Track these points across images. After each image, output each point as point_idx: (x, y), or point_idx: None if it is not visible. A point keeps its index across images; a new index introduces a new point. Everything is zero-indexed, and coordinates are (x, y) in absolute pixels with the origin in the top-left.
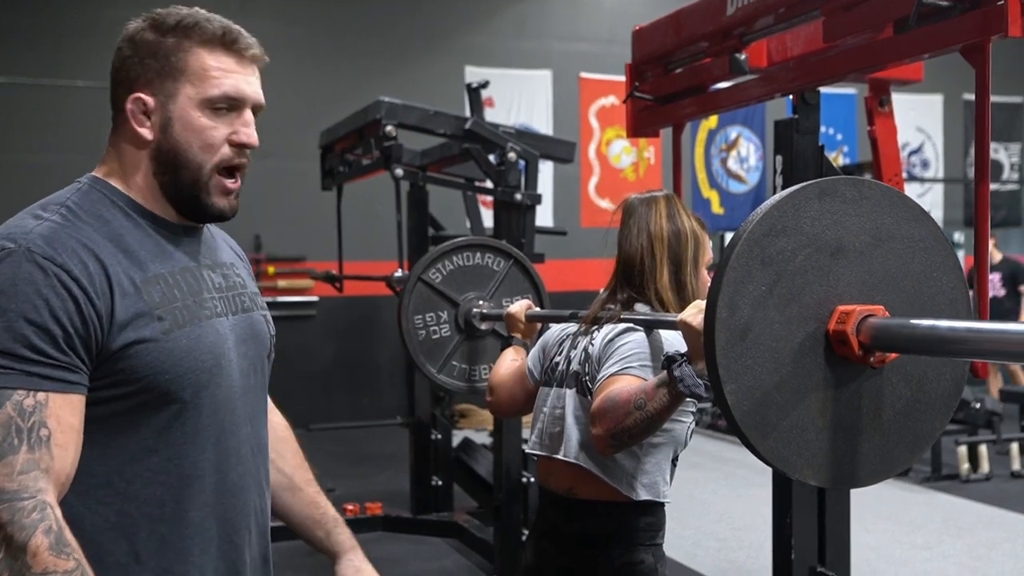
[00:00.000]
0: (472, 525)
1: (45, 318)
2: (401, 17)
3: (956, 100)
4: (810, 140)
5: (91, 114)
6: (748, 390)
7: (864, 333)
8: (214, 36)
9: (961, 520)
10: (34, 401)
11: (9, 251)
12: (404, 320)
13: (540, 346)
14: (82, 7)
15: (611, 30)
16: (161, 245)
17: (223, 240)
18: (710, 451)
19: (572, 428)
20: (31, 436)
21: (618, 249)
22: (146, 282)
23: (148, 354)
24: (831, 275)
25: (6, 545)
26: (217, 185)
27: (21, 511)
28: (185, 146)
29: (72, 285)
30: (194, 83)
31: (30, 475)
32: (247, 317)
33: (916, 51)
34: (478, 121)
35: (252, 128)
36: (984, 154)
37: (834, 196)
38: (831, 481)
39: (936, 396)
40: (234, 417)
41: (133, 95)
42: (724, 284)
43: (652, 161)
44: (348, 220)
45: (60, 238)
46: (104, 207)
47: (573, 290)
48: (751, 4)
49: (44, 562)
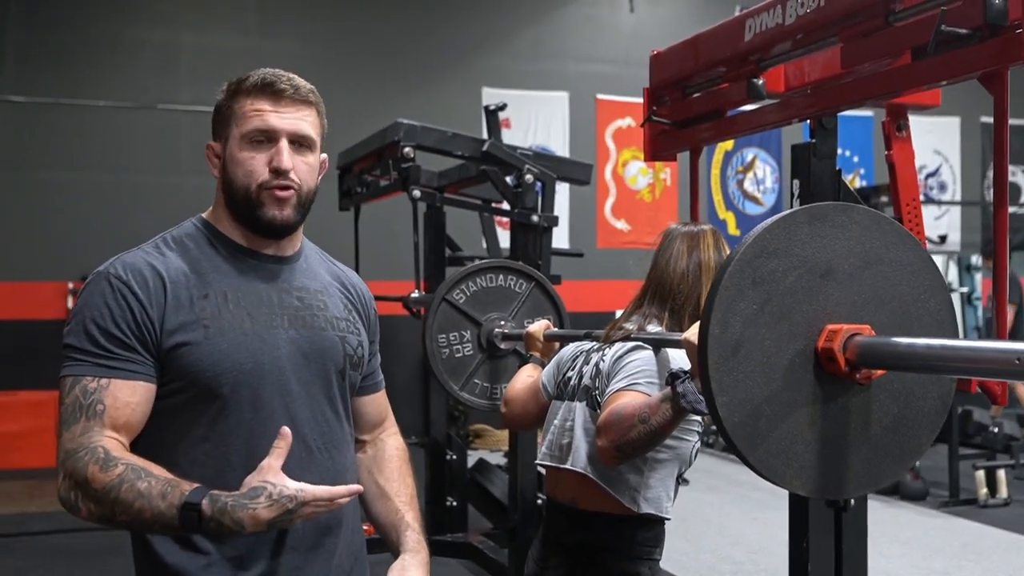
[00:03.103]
0: (487, 546)
1: (107, 322)
2: (419, 38)
3: (974, 122)
4: (827, 164)
5: (110, 133)
6: (739, 403)
7: (851, 350)
8: (255, 85)
9: (979, 545)
10: (96, 384)
11: (97, 274)
12: (428, 339)
13: (555, 363)
14: (103, 27)
15: (627, 52)
16: (234, 268)
17: (328, 273)
18: (725, 473)
19: (581, 440)
20: (89, 410)
21: (655, 269)
22: (203, 297)
23: (191, 354)
24: (820, 295)
25: (77, 488)
26: (268, 197)
27: (78, 459)
28: (233, 176)
29: (130, 297)
30: (238, 124)
31: (86, 436)
32: (319, 335)
33: (934, 78)
34: (495, 143)
35: (285, 154)
36: (1003, 179)
37: (824, 220)
38: (818, 491)
39: (923, 413)
40: (281, 418)
41: (208, 144)
42: (717, 302)
43: (668, 183)
44: (365, 240)
45: (134, 262)
46: (192, 239)
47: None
48: (769, 30)
49: (100, 480)
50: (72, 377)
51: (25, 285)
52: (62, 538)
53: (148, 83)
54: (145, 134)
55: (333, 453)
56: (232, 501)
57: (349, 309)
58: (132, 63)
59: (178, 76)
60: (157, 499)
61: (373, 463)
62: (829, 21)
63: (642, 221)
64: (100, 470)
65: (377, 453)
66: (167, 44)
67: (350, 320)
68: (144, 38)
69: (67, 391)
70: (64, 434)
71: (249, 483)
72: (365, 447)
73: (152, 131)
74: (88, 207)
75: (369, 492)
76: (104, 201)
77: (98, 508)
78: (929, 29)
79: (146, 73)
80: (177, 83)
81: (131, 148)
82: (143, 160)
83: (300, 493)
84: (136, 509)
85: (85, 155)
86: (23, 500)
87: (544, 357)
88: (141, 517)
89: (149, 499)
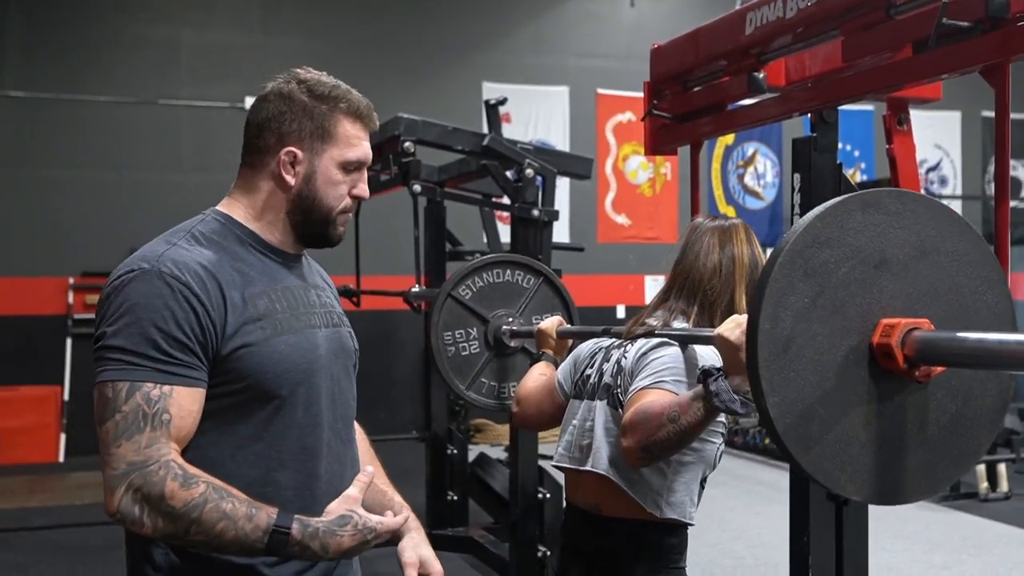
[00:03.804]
0: (488, 541)
1: (171, 326)
2: (420, 33)
3: (974, 117)
4: (828, 158)
5: (111, 130)
6: (791, 403)
7: (909, 346)
8: (357, 110)
9: (980, 539)
10: (159, 392)
11: (144, 271)
12: (434, 336)
13: (571, 360)
14: (104, 23)
15: (628, 46)
16: (269, 267)
17: (316, 267)
18: (727, 468)
19: (602, 440)
20: (155, 420)
21: (682, 263)
22: (253, 296)
23: (253, 356)
24: (875, 288)
25: (147, 501)
26: (341, 220)
27: (150, 473)
28: (323, 195)
29: (193, 299)
30: (339, 146)
31: (154, 447)
32: (337, 331)
33: (935, 71)
34: (496, 137)
35: (366, 183)
36: (1004, 173)
37: (877, 208)
38: (876, 497)
39: (982, 411)
40: (325, 414)
41: (287, 148)
42: (767, 296)
43: (669, 177)
44: (366, 235)
45: (185, 260)
46: (220, 235)
47: (590, 305)
48: (769, 23)
49: (181, 497)
50: (129, 383)
51: (26, 281)
52: (63, 533)
53: (149, 79)
54: (146, 130)
55: (353, 444)
56: (323, 527)
57: (338, 301)
58: (133, 59)
59: (179, 72)
60: (243, 521)
61: None
62: (830, 14)
63: (642, 216)
64: (181, 487)
65: None
66: (168, 40)
67: (343, 313)
68: (145, 34)
69: (123, 398)
70: (124, 444)
71: (335, 511)
72: None
73: (153, 127)
74: (89, 203)
75: None
76: (105, 197)
77: (169, 525)
78: (930, 22)
79: (147, 69)
80: (179, 79)
81: (132, 144)
82: (144, 156)
83: (379, 526)
84: (219, 530)
85: (86, 151)
86: (23, 495)
87: (557, 355)
88: (222, 538)
89: (234, 520)
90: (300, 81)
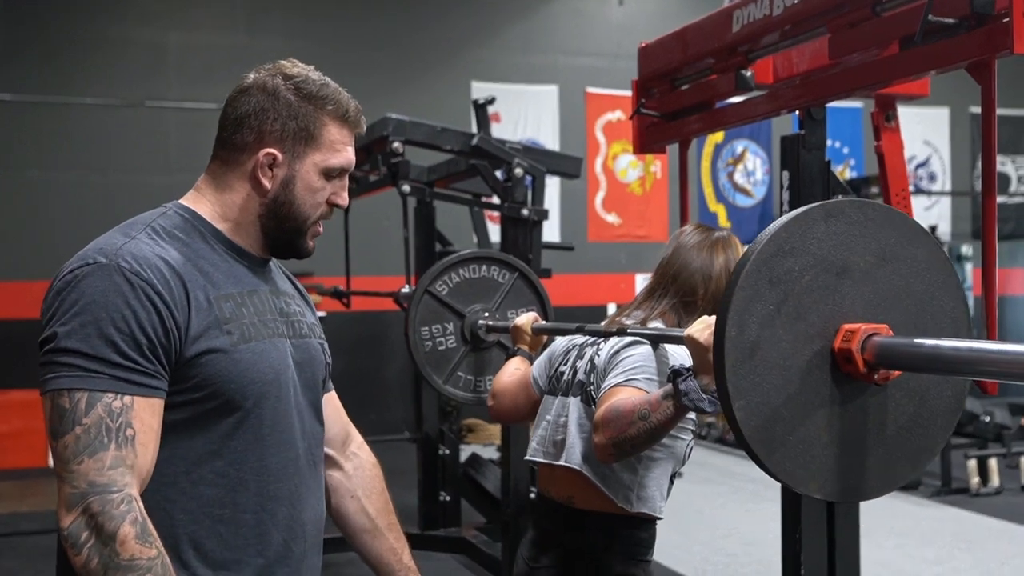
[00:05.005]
0: (480, 541)
1: (132, 327)
2: (407, 33)
3: (963, 113)
4: (816, 156)
5: (97, 132)
6: (757, 406)
7: (869, 351)
8: (346, 113)
9: (971, 534)
10: (121, 403)
11: (102, 264)
12: (411, 331)
13: (546, 356)
14: (89, 24)
15: (617, 45)
16: (235, 270)
17: (284, 273)
18: (719, 465)
19: (575, 436)
20: (119, 435)
21: (669, 265)
22: (218, 298)
23: (216, 363)
24: (837, 294)
25: (96, 533)
26: (313, 232)
27: (111, 503)
28: (300, 202)
29: (156, 298)
30: (323, 151)
31: (117, 470)
32: (305, 342)
33: (922, 68)
34: (485, 137)
35: (347, 192)
36: (991, 169)
37: (840, 217)
38: (836, 495)
39: (938, 411)
40: (292, 431)
41: (266, 149)
42: (733, 303)
43: (659, 175)
44: (355, 236)
45: (146, 255)
46: (183, 231)
47: (580, 304)
48: (757, 21)
49: (131, 549)
50: (88, 392)
51: (14, 284)
52: (54, 538)
53: (135, 81)
54: (133, 132)
55: (320, 466)
56: None
57: (312, 311)
58: (119, 61)
59: (166, 73)
60: None
61: (359, 488)
62: (816, 12)
63: (633, 214)
64: (136, 538)
65: (358, 474)
66: (154, 41)
67: (316, 323)
68: (132, 36)
69: (83, 409)
70: (87, 461)
71: None
72: (340, 463)
73: (140, 129)
74: (76, 205)
75: (358, 524)
76: (92, 199)
77: (100, 569)
78: (916, 19)
79: (134, 71)
80: (165, 81)
81: (119, 146)
82: (131, 158)
83: None
84: None
85: (73, 154)
86: (14, 500)
87: (532, 351)
88: None
89: None
90: (286, 76)
